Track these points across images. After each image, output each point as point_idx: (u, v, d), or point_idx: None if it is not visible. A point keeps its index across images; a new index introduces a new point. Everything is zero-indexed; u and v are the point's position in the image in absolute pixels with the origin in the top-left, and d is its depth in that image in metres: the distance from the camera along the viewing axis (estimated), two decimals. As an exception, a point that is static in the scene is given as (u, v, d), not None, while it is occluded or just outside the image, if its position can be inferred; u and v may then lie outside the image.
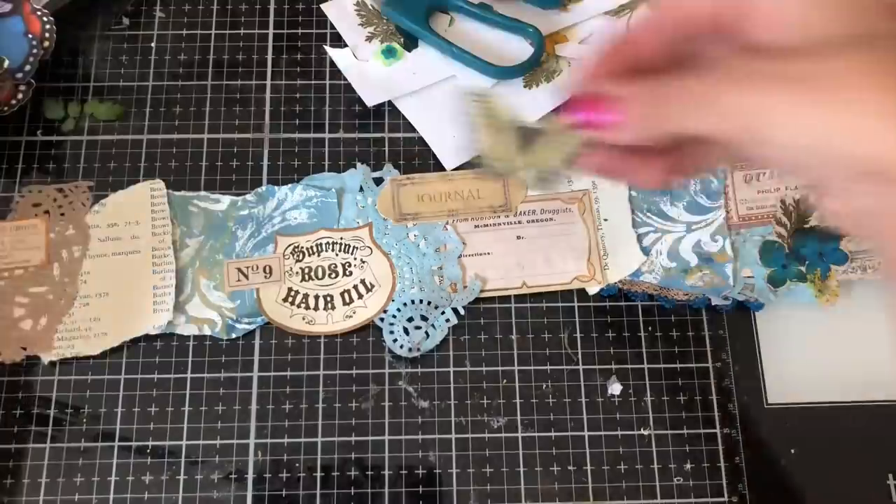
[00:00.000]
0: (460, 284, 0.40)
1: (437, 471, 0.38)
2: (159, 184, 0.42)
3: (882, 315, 0.41)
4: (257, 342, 0.40)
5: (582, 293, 0.41)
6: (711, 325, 0.41)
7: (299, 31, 0.46)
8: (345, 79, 0.45)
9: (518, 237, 0.41)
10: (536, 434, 0.39)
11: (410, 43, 0.45)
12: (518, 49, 0.45)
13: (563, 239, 0.41)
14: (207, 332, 0.40)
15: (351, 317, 0.40)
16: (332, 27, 0.46)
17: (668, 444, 0.39)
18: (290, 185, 0.42)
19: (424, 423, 0.39)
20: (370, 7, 0.46)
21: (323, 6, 0.47)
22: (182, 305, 0.40)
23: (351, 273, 0.41)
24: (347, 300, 0.40)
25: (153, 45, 0.46)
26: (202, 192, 0.42)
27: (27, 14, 0.43)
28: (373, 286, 0.40)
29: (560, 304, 0.41)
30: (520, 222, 0.42)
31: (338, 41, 0.46)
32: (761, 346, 0.41)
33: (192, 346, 0.40)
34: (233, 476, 0.38)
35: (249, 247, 0.41)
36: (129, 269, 0.40)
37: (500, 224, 0.42)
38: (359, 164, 0.43)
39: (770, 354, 0.40)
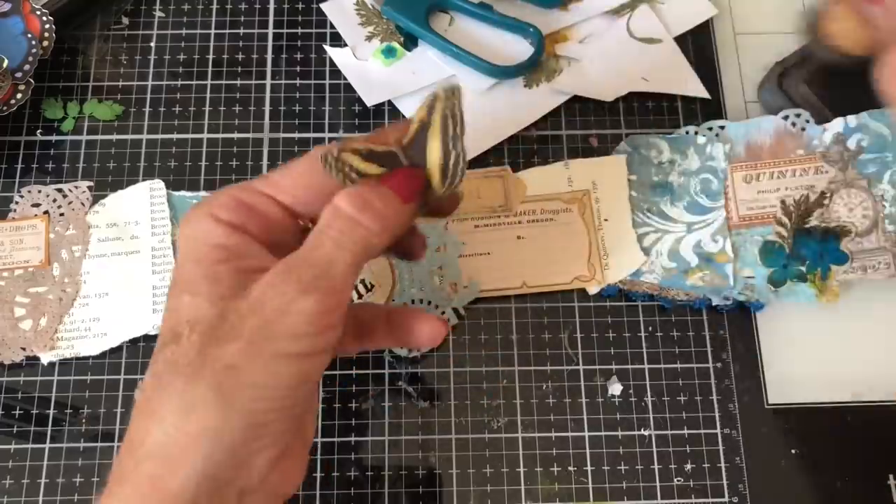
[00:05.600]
0: (460, 284, 0.40)
1: (437, 471, 0.38)
2: (159, 184, 0.42)
3: (882, 315, 0.41)
4: (257, 342, 0.40)
5: (582, 293, 0.41)
6: (712, 326, 0.41)
7: (299, 30, 0.46)
8: (345, 78, 0.45)
9: (518, 237, 0.41)
10: (536, 434, 0.39)
11: (410, 42, 0.45)
12: (518, 49, 0.45)
13: (564, 239, 0.41)
14: (207, 332, 0.39)
15: (351, 317, 0.40)
16: (332, 27, 0.46)
17: (668, 444, 0.39)
18: (289, 185, 0.42)
19: (424, 423, 0.39)
20: (370, 6, 0.46)
21: (323, 6, 0.47)
22: (182, 305, 0.40)
23: (351, 273, 0.40)
24: (347, 300, 0.40)
25: (153, 44, 0.46)
26: (202, 192, 0.42)
27: (26, 13, 0.43)
28: (372, 286, 0.40)
29: (560, 304, 0.41)
30: (520, 222, 0.42)
31: (337, 41, 0.46)
32: (762, 346, 0.40)
33: (191, 347, 0.40)
34: (233, 476, 0.38)
35: (249, 247, 0.41)
36: (128, 269, 0.40)
37: (500, 224, 0.42)
38: (359, 164, 0.43)
39: (770, 354, 0.40)
